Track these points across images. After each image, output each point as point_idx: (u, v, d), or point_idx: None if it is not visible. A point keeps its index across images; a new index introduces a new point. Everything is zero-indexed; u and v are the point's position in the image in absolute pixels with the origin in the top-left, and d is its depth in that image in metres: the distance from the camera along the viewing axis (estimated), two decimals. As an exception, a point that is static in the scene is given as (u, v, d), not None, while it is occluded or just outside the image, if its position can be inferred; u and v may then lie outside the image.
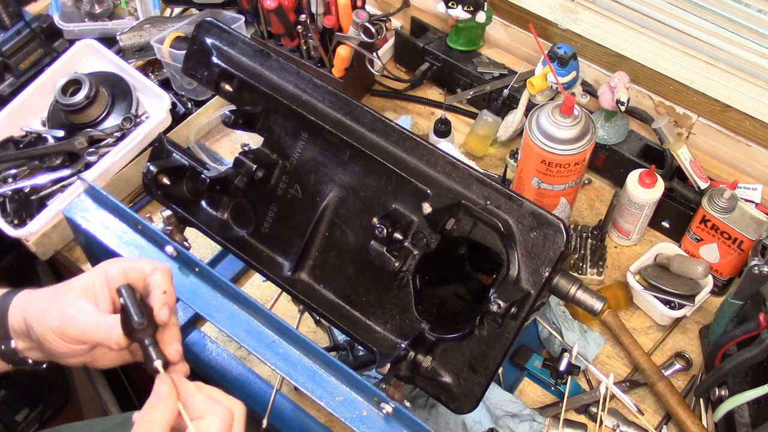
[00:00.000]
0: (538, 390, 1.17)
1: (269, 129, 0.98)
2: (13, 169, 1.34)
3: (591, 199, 1.37)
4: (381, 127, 0.90)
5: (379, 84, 1.53)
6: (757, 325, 1.00)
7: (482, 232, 0.86)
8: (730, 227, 1.15)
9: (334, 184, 0.94)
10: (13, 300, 0.83)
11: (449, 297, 0.99)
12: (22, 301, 0.83)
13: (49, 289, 0.82)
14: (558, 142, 1.09)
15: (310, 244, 0.95)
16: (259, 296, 1.27)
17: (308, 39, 1.39)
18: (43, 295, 0.81)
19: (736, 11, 1.26)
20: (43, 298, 0.81)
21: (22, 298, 0.83)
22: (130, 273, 0.79)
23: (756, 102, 1.26)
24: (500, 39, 1.53)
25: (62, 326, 0.77)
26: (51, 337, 0.77)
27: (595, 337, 1.19)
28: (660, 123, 1.23)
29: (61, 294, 0.79)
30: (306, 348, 0.86)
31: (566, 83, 1.26)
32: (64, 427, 1.13)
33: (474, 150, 1.41)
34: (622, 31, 1.37)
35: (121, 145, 1.32)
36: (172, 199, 1.00)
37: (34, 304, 0.81)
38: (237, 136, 1.45)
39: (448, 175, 0.87)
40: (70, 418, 2.10)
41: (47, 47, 1.53)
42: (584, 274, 1.25)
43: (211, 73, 0.99)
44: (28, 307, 0.81)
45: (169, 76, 1.47)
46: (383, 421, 0.82)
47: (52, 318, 0.77)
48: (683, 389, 1.16)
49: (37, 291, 0.83)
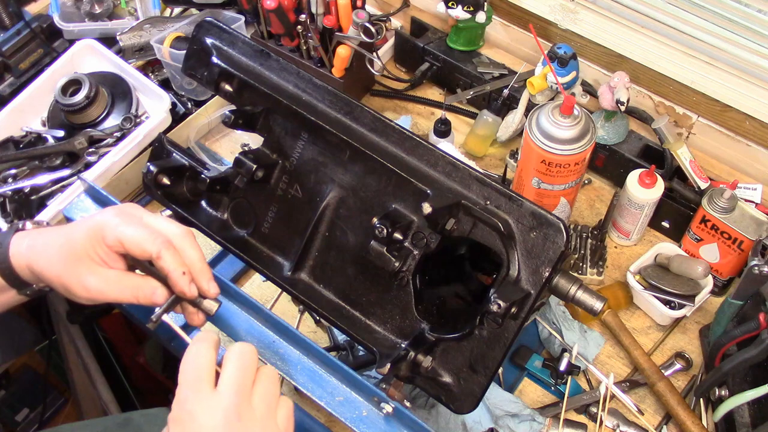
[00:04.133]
0: (538, 390, 1.17)
1: (269, 129, 0.98)
2: (13, 169, 1.34)
3: (591, 199, 1.37)
4: (381, 127, 0.90)
5: (379, 84, 1.53)
6: (757, 325, 1.00)
7: (482, 232, 0.86)
8: (730, 227, 1.15)
9: (334, 184, 0.94)
10: (11, 246, 0.84)
11: (449, 297, 0.99)
12: (23, 248, 0.83)
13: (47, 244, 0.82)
14: (558, 142, 1.09)
15: (310, 244, 0.95)
16: (259, 296, 1.27)
17: (308, 39, 1.39)
18: (43, 251, 0.82)
19: (736, 11, 1.26)
20: (47, 258, 0.81)
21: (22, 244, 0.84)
22: (131, 248, 0.79)
23: (756, 102, 1.26)
24: (500, 39, 1.53)
25: (91, 297, 0.80)
26: (79, 300, 0.81)
27: (595, 337, 1.19)
28: (660, 123, 1.24)
29: (70, 265, 0.79)
30: (306, 348, 0.86)
31: (566, 83, 1.26)
32: (64, 427, 1.14)
33: (474, 150, 1.41)
34: (622, 31, 1.37)
35: (121, 145, 1.32)
36: (172, 199, 1.00)
37: (38, 261, 0.82)
38: (237, 136, 1.45)
39: (448, 175, 0.87)
40: (70, 418, 2.10)
41: (47, 47, 1.53)
42: (584, 274, 1.25)
43: (211, 73, 0.99)
44: (33, 259, 0.82)
45: (169, 76, 1.47)
46: (383, 421, 0.82)
47: (76, 289, 0.80)
48: (683, 389, 1.16)
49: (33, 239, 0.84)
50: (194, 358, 0.73)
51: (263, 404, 0.73)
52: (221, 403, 0.70)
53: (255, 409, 0.72)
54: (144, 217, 0.82)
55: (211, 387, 0.72)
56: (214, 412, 0.70)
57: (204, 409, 0.70)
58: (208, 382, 0.72)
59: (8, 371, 2.06)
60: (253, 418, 0.71)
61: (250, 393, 0.73)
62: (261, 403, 0.73)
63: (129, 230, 0.79)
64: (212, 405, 0.70)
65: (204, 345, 0.74)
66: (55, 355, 1.97)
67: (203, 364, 0.73)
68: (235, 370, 0.73)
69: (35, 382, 2.06)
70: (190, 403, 0.70)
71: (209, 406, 0.70)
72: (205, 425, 0.69)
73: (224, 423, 0.69)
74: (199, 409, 0.70)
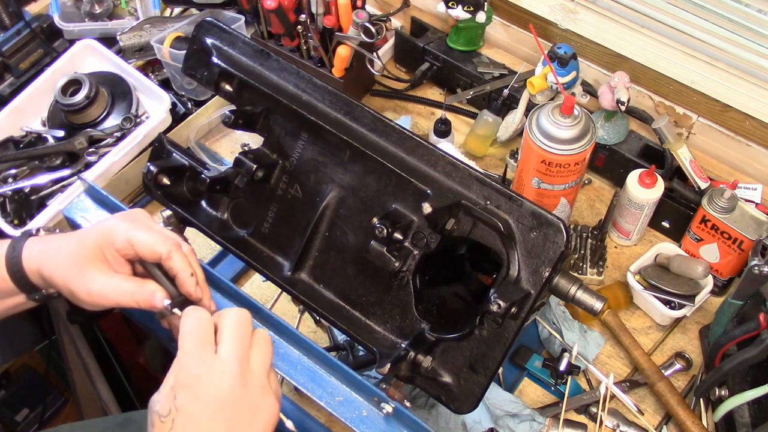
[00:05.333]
0: (538, 390, 1.17)
1: (269, 129, 0.98)
2: (13, 169, 1.34)
3: (591, 199, 1.37)
4: (381, 127, 0.90)
5: (379, 84, 1.53)
6: (757, 325, 1.00)
7: (482, 232, 0.86)
8: (730, 227, 1.15)
9: (334, 184, 0.94)
10: (24, 251, 0.85)
11: (449, 297, 0.99)
12: (35, 252, 0.85)
13: (58, 249, 0.83)
14: (558, 142, 1.09)
15: (310, 244, 0.95)
16: (259, 296, 1.27)
17: (308, 39, 1.39)
18: (54, 256, 0.83)
19: (736, 11, 1.26)
20: (57, 263, 0.82)
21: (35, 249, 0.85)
22: (141, 250, 0.81)
23: (756, 102, 1.26)
24: (500, 39, 1.53)
25: (94, 302, 0.81)
26: (83, 305, 0.82)
27: (595, 337, 1.19)
28: (660, 123, 1.23)
29: (77, 269, 0.81)
30: (306, 348, 0.86)
31: (566, 83, 1.26)
32: (64, 427, 1.14)
33: (474, 150, 1.41)
34: (622, 31, 1.37)
35: (121, 145, 1.32)
36: (172, 199, 1.00)
37: (48, 265, 0.83)
38: (237, 136, 1.45)
39: (448, 175, 0.87)
40: (70, 418, 2.10)
41: (47, 47, 1.53)
42: (584, 274, 1.25)
43: (211, 73, 0.99)
44: (44, 263, 0.83)
45: (169, 76, 1.47)
46: (383, 421, 0.82)
47: (80, 294, 0.81)
48: (683, 389, 1.16)
49: (45, 243, 0.85)
50: (197, 323, 0.74)
51: (260, 368, 0.74)
52: (227, 368, 0.71)
53: (254, 373, 0.74)
54: (151, 223, 0.86)
55: (213, 352, 0.73)
56: (223, 377, 0.71)
57: (211, 374, 0.71)
58: (211, 347, 0.73)
59: (8, 371, 2.06)
60: (254, 383, 0.73)
61: (248, 357, 0.74)
62: (258, 367, 0.74)
63: (139, 232, 0.82)
64: (218, 369, 0.71)
65: (202, 311, 0.76)
66: (55, 355, 1.97)
67: (205, 328, 0.74)
68: (235, 335, 0.74)
69: (35, 382, 2.06)
70: (195, 367, 0.71)
71: (216, 370, 0.71)
72: (213, 389, 0.70)
73: (231, 388, 0.70)
74: (207, 374, 0.71)
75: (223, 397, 0.70)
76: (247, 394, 0.72)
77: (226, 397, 0.70)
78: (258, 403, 0.72)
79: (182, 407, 0.69)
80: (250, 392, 0.72)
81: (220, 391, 0.70)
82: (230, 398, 0.70)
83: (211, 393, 0.70)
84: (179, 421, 0.69)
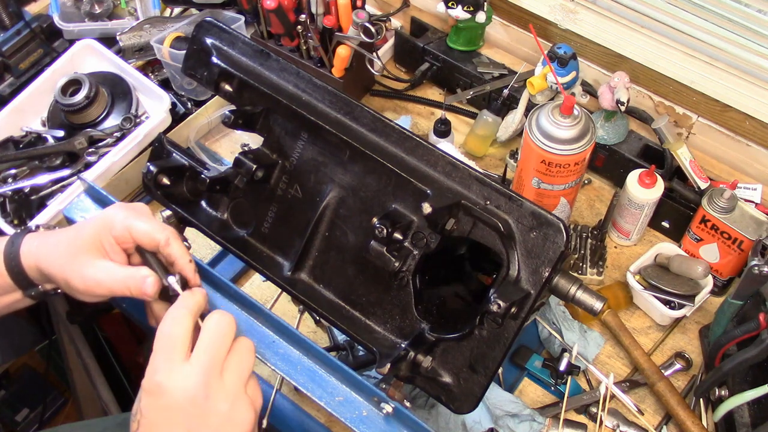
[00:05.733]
0: (538, 390, 1.17)
1: (269, 129, 0.98)
2: (13, 169, 1.34)
3: (591, 199, 1.37)
4: (381, 127, 0.90)
5: (379, 84, 1.53)
6: (757, 325, 1.00)
7: (482, 232, 0.86)
8: (730, 227, 1.15)
9: (334, 184, 0.94)
10: (22, 246, 0.86)
11: (449, 297, 0.99)
12: (33, 247, 0.85)
13: (57, 242, 0.84)
14: (558, 142, 1.09)
15: (310, 244, 0.95)
16: (259, 296, 1.27)
17: (308, 39, 1.39)
18: (53, 249, 0.83)
19: (736, 11, 1.26)
20: (54, 254, 0.83)
21: (33, 244, 0.85)
22: (139, 237, 0.82)
23: (756, 102, 1.26)
24: (500, 39, 1.53)
25: (88, 289, 0.81)
26: (78, 295, 0.82)
27: (595, 337, 1.19)
28: (660, 123, 1.23)
29: (73, 257, 0.81)
30: (306, 348, 0.86)
31: (566, 83, 1.26)
32: (64, 427, 1.14)
33: (474, 150, 1.41)
34: (622, 31, 1.37)
35: (121, 145, 1.32)
36: (172, 199, 1.00)
37: (47, 258, 0.83)
38: (237, 136, 1.45)
39: (448, 175, 0.87)
40: (70, 418, 2.10)
41: (47, 47, 1.53)
42: (584, 274, 1.25)
43: (211, 73, 0.99)
44: (41, 257, 0.84)
45: (169, 76, 1.47)
46: (383, 421, 0.82)
47: (75, 282, 0.81)
48: (683, 389, 1.16)
49: (44, 238, 0.86)
50: (170, 326, 0.72)
51: (234, 376, 0.72)
52: (190, 377, 0.70)
53: (225, 382, 0.72)
54: (150, 215, 0.87)
55: (183, 357, 0.71)
56: (185, 385, 0.69)
57: (173, 382, 0.69)
58: (181, 352, 0.71)
59: (8, 371, 2.06)
60: (221, 391, 0.71)
61: (222, 365, 0.72)
62: (232, 375, 0.72)
63: (138, 220, 0.83)
64: (181, 378, 0.69)
65: (182, 312, 0.74)
66: (55, 355, 1.97)
67: (178, 333, 0.72)
68: (210, 343, 0.72)
69: (35, 382, 2.06)
70: (160, 374, 0.70)
71: (177, 379, 0.69)
72: (172, 400, 0.69)
73: (191, 398, 0.69)
74: (168, 381, 0.69)
75: (181, 407, 0.69)
76: (211, 404, 0.70)
77: (184, 407, 0.69)
78: (225, 412, 0.70)
79: (145, 411, 0.70)
80: (213, 403, 0.70)
81: (177, 400, 0.69)
82: (189, 408, 0.69)
83: (169, 402, 0.69)
84: (143, 423, 0.70)
